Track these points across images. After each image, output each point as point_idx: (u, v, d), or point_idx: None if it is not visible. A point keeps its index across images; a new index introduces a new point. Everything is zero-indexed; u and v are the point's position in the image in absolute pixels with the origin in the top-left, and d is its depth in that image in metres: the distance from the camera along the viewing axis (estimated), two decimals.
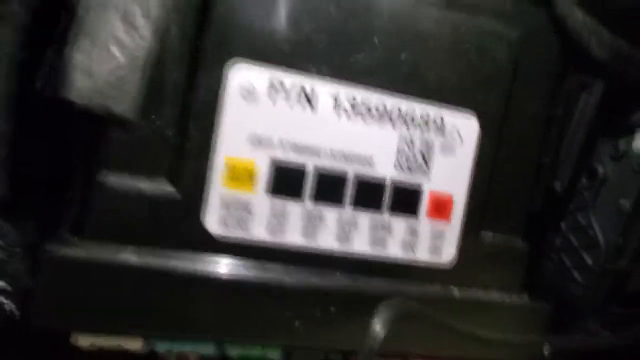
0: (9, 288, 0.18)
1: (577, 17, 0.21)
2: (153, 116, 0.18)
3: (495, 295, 0.22)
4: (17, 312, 0.18)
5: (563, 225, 0.24)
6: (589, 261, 0.23)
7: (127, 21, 0.17)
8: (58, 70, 0.16)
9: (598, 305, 0.23)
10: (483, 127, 0.21)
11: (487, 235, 0.21)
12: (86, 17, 0.16)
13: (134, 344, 0.18)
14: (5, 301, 0.18)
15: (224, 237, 0.18)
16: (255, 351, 0.19)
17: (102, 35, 0.17)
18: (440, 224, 0.21)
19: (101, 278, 0.17)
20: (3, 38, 0.15)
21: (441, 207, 0.21)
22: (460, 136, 0.20)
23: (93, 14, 0.17)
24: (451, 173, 0.20)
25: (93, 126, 0.17)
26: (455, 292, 0.21)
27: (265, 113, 0.18)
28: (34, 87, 0.17)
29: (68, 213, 0.17)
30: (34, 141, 0.18)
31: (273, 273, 0.18)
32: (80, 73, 0.17)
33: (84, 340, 0.17)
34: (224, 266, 0.18)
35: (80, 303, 0.17)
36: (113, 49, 0.17)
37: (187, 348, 0.18)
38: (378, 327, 0.17)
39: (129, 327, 0.17)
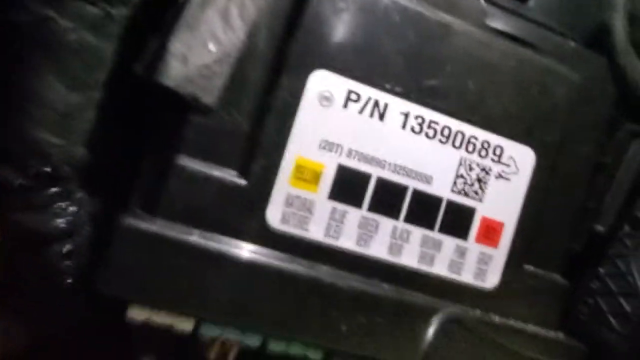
0: (75, 254, 0.19)
1: (637, 68, 0.23)
2: (233, 109, 0.19)
3: (532, 328, 0.22)
4: (78, 278, 0.19)
5: (602, 269, 0.24)
6: (627, 308, 0.23)
7: (226, 20, 0.18)
8: (157, 57, 0.18)
9: (634, 355, 0.23)
10: (538, 161, 0.21)
11: (530, 268, 0.22)
12: (190, 12, 0.18)
13: (186, 325, 0.18)
14: (70, 265, 0.19)
15: (283, 233, 0.19)
16: (298, 349, 0.19)
17: (201, 30, 0.18)
18: (487, 249, 0.21)
19: (168, 255, 0.17)
20: (111, 35, 0.16)
21: (490, 233, 0.21)
22: (516, 166, 0.21)
23: (196, 10, 0.18)
24: (504, 201, 0.21)
25: (176, 112, 0.19)
26: (495, 318, 0.21)
27: (338, 121, 0.19)
28: (130, 71, 0.18)
29: (140, 190, 0.18)
30: (115, 120, 0.19)
31: (325, 274, 0.19)
32: (177, 61, 0.18)
33: (140, 314, 0.17)
34: (279, 260, 0.19)
35: (145, 276, 0.17)
36: (210, 44, 0.18)
37: (234, 336, 0.19)
38: (428, 338, 0.18)
39: (185, 306, 0.18)
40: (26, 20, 0.15)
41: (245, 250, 0.18)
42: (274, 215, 0.19)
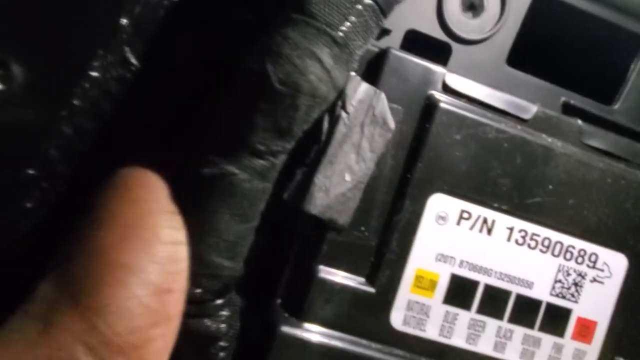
0: (230, 347, 0.22)
1: None
2: (362, 227, 0.22)
3: None
4: None
5: None
6: None
7: (358, 153, 0.22)
8: (303, 188, 0.21)
9: None
10: (630, 266, 0.23)
11: None
12: (331, 149, 0.21)
13: None
14: (223, 357, 0.22)
15: (404, 334, 0.22)
16: None
17: (340, 164, 0.21)
18: (582, 346, 0.23)
19: (309, 354, 0.21)
20: (272, 178, 0.19)
21: (585, 331, 0.23)
22: (609, 271, 0.23)
23: (336, 148, 0.21)
24: (598, 302, 0.23)
25: (315, 230, 0.22)
26: None
27: (452, 236, 0.22)
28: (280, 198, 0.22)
29: (287, 298, 0.22)
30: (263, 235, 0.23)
31: None
32: (320, 192, 0.21)
33: None
34: (401, 357, 0.22)
35: None
36: (347, 175, 0.21)
37: None
38: None
39: None
40: (214, 174, 0.19)
41: (373, 350, 0.22)
42: (397, 318, 0.22)
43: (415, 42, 0.24)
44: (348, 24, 0.19)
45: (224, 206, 0.19)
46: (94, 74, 0.21)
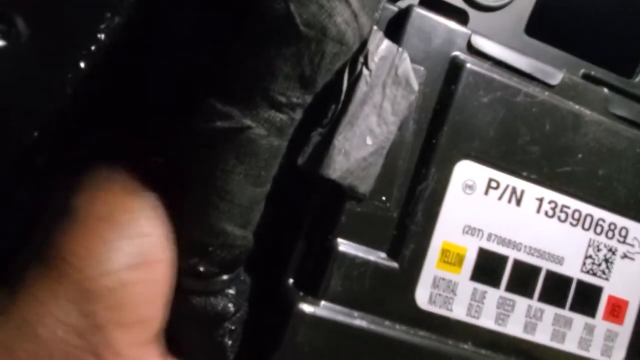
0: (237, 330, 0.20)
1: None
2: (383, 197, 0.20)
3: None
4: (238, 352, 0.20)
5: None
6: None
7: (381, 116, 0.20)
8: (322, 151, 0.19)
9: None
10: None
11: None
12: (351, 110, 0.19)
13: None
14: (233, 341, 0.20)
15: (430, 313, 0.20)
16: None
17: (361, 126, 0.20)
18: (614, 327, 0.22)
19: (331, 336, 0.19)
20: (289, 135, 0.18)
21: (616, 311, 0.22)
22: None
23: (357, 108, 0.20)
24: (629, 280, 0.22)
25: (333, 199, 0.20)
26: None
27: (480, 207, 0.20)
28: (293, 163, 0.20)
29: (302, 274, 0.20)
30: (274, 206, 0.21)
31: (468, 352, 0.20)
32: (340, 155, 0.19)
33: None
34: (427, 339, 0.20)
35: (311, 353, 0.19)
36: (368, 139, 0.20)
37: None
38: None
39: None
40: (226, 127, 0.17)
41: (397, 330, 0.20)
42: (422, 296, 0.20)
43: (432, 8, 0.23)
44: None
45: (239, 165, 0.17)
46: (101, 36, 0.19)
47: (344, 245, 0.20)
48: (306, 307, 0.19)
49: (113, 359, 0.16)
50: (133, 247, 0.17)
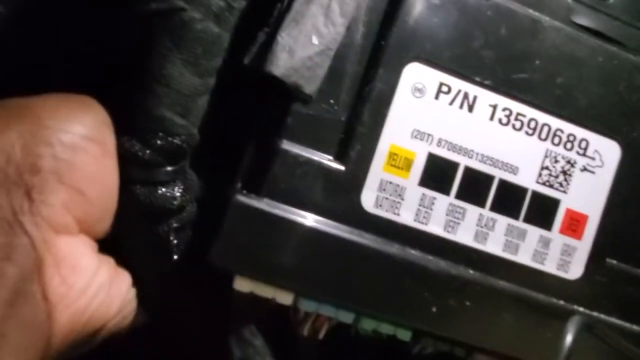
0: (184, 229, 0.20)
1: None
2: (331, 100, 0.20)
3: (616, 322, 0.22)
4: (184, 252, 0.20)
5: None
6: None
7: (327, 15, 0.20)
8: (266, 48, 0.19)
9: None
10: (624, 155, 0.22)
11: (613, 262, 0.22)
12: (296, 7, 0.19)
13: (286, 299, 0.19)
14: (179, 240, 0.20)
15: (376, 216, 0.20)
16: (388, 328, 0.20)
17: (307, 25, 0.19)
18: (571, 241, 0.21)
19: (272, 233, 0.19)
20: (229, 24, 0.18)
21: (574, 225, 0.21)
22: (601, 160, 0.21)
23: (302, 7, 0.19)
24: (588, 194, 0.21)
25: (279, 99, 0.20)
26: (579, 310, 0.22)
27: (429, 111, 0.20)
28: (239, 61, 0.20)
29: (247, 172, 0.20)
30: (221, 106, 0.21)
31: (415, 257, 0.20)
32: (284, 52, 0.19)
33: (245, 286, 0.19)
34: (373, 242, 0.20)
35: (252, 251, 0.19)
36: (314, 38, 0.19)
37: (330, 313, 0.20)
38: (568, 339, 0.18)
39: (286, 280, 0.19)
40: (160, 9, 0.17)
41: (342, 230, 0.20)
42: (368, 199, 0.20)
43: None
44: None
45: (174, 49, 0.17)
46: None
47: (290, 146, 0.20)
48: (247, 202, 0.19)
49: (35, 210, 0.16)
50: (90, 121, 0.17)
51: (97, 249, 0.19)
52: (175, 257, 0.20)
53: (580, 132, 0.21)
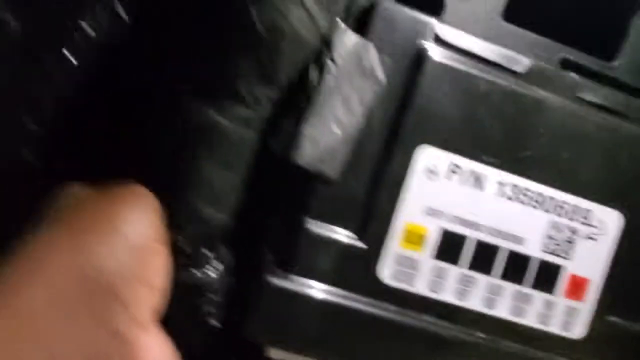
0: (219, 303, 0.22)
1: None
2: (352, 181, 0.22)
3: None
4: (219, 324, 0.22)
5: None
6: None
7: (347, 106, 0.21)
8: (292, 139, 0.21)
9: None
10: (626, 222, 0.23)
11: (616, 320, 0.24)
12: (319, 101, 0.21)
13: None
14: (213, 312, 0.22)
15: (393, 288, 0.22)
16: None
17: (328, 116, 0.21)
18: (574, 303, 0.23)
19: (299, 307, 0.21)
20: (257, 127, 0.20)
21: (577, 289, 0.23)
22: (604, 228, 0.23)
23: (323, 99, 0.21)
24: (591, 260, 0.23)
25: (303, 182, 0.22)
26: None
27: (441, 190, 0.22)
28: (267, 148, 0.21)
29: (274, 250, 0.22)
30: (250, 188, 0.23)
31: (429, 323, 0.22)
32: (308, 143, 0.21)
33: (277, 354, 0.21)
34: (390, 312, 0.22)
35: (281, 324, 0.21)
36: (335, 127, 0.21)
37: None
38: None
39: (314, 350, 0.21)
40: (200, 122, 0.19)
41: (361, 302, 0.22)
42: (386, 272, 0.22)
43: None
44: None
45: (210, 153, 0.19)
46: (85, 26, 0.21)
47: (315, 225, 0.22)
48: (278, 280, 0.21)
49: (126, 313, 0.17)
50: (153, 219, 0.18)
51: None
52: (213, 328, 0.22)
53: (584, 203, 0.23)
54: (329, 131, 0.21)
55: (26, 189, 0.21)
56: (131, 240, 0.18)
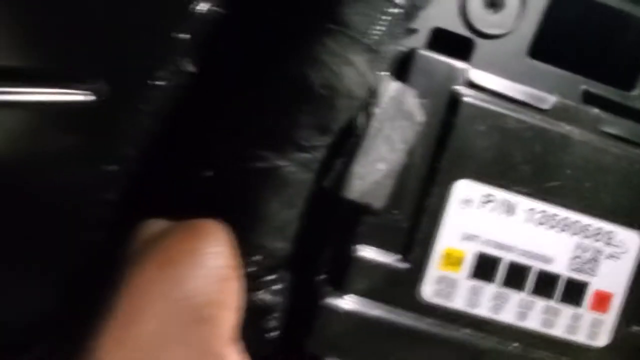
0: (280, 321, 0.25)
1: None
2: (395, 211, 0.24)
3: None
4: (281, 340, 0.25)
5: None
6: None
7: (391, 145, 0.24)
8: (343, 176, 0.24)
9: None
10: None
11: (637, 329, 0.26)
12: (365, 142, 0.24)
13: None
14: (277, 328, 0.25)
15: (434, 304, 0.25)
16: None
17: (374, 155, 0.24)
18: (599, 315, 0.25)
19: (354, 324, 0.24)
20: (315, 168, 0.22)
21: (602, 302, 0.25)
22: (625, 248, 0.25)
23: (370, 141, 0.24)
24: (614, 276, 0.25)
25: (353, 213, 0.24)
26: None
27: (476, 218, 0.24)
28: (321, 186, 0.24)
29: (330, 273, 0.24)
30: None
31: (466, 336, 0.25)
32: (357, 179, 0.24)
33: None
34: (432, 326, 0.24)
35: (338, 339, 0.24)
36: (380, 164, 0.24)
37: None
38: None
39: (364, 359, 0.24)
40: (265, 168, 0.22)
41: (405, 317, 0.24)
42: (428, 291, 0.24)
43: (441, 39, 0.26)
44: (378, 31, 0.22)
45: (274, 196, 0.22)
46: (159, 83, 0.24)
47: (363, 250, 0.24)
48: (333, 300, 0.24)
49: (222, 335, 0.19)
50: (230, 251, 0.21)
51: None
52: (273, 342, 0.25)
53: (607, 226, 0.25)
54: (375, 168, 0.24)
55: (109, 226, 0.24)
56: (212, 270, 0.21)
